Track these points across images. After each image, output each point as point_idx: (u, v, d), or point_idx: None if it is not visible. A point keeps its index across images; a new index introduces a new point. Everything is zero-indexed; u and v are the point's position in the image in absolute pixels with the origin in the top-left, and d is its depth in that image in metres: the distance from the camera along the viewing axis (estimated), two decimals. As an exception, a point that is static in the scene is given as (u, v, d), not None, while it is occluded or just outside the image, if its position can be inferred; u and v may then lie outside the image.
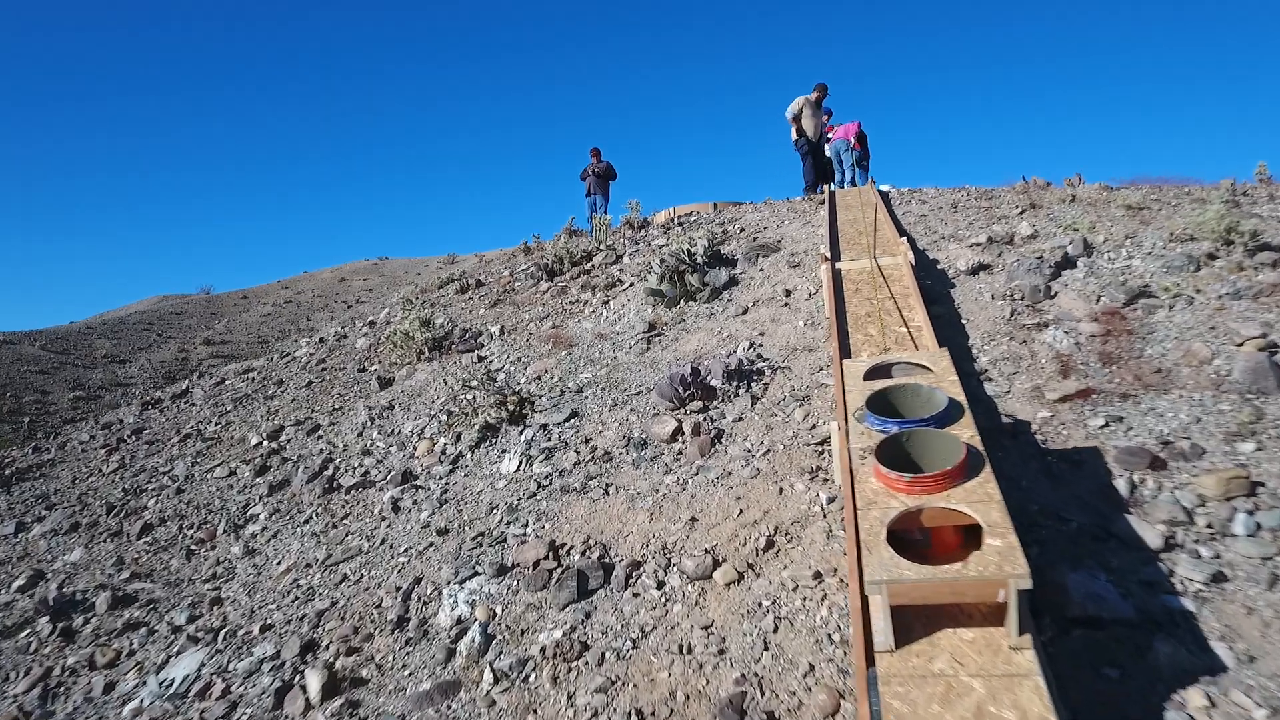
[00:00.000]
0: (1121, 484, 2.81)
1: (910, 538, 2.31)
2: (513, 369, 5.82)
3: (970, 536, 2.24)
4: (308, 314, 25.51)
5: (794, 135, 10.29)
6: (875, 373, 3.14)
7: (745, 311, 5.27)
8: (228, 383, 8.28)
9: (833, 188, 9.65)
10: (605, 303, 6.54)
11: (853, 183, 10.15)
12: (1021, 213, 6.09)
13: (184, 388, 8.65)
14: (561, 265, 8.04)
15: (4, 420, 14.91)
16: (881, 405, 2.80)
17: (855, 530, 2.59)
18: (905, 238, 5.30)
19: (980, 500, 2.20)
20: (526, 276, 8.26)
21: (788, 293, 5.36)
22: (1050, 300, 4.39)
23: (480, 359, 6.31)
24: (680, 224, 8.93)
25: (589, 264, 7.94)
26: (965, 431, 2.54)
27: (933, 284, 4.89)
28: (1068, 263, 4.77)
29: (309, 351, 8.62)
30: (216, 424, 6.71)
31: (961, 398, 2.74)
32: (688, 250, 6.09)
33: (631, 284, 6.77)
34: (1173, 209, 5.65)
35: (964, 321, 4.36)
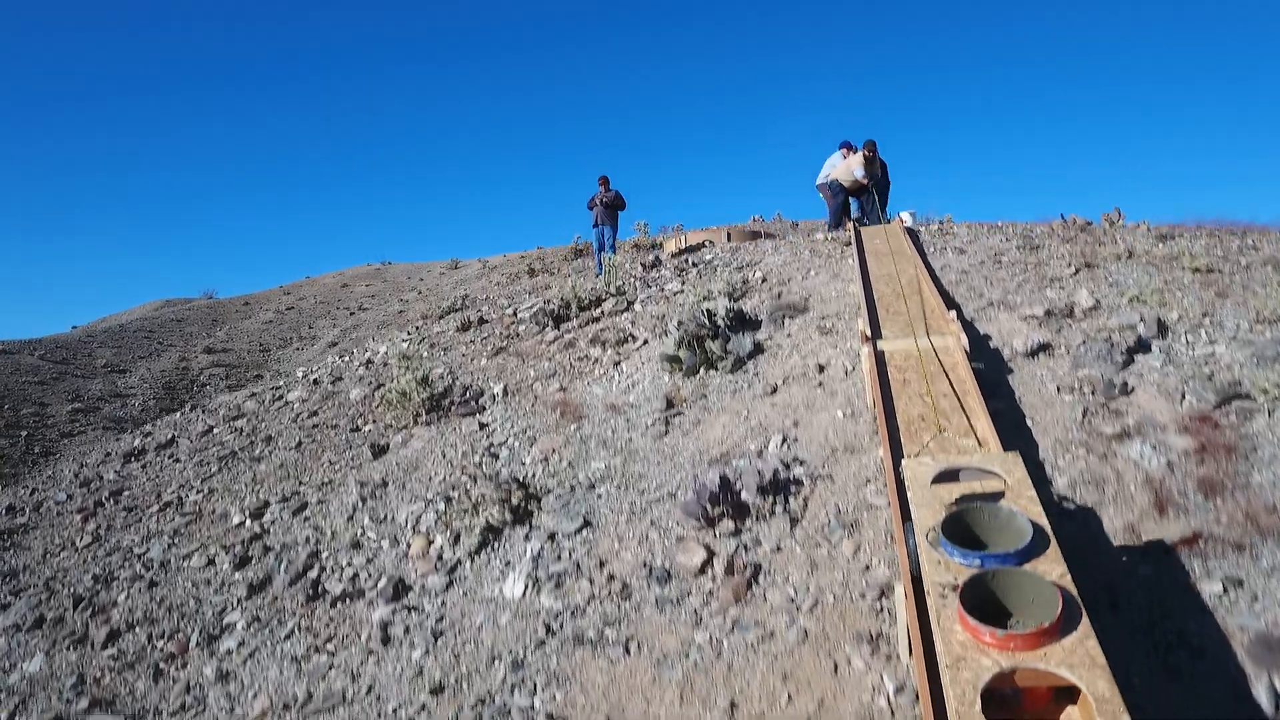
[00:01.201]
0: (1261, 692, 2.30)
1: (999, 692, 2.00)
2: (516, 444, 5.33)
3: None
4: (310, 320, 25.09)
5: (820, 182, 9.74)
6: (943, 478, 2.80)
7: (774, 391, 4.76)
8: (215, 433, 7.81)
9: (854, 219, 9.12)
10: (617, 363, 6.03)
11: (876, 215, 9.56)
12: (1076, 273, 5.54)
13: (170, 436, 8.18)
14: (569, 310, 7.54)
15: (1, 435, 14.52)
16: (955, 526, 2.44)
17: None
18: (954, 310, 4.77)
19: (1082, 664, 1.90)
20: (531, 320, 7.76)
21: (820, 369, 4.85)
22: (1127, 397, 3.87)
23: (481, 425, 5.82)
24: (693, 262, 8.41)
25: (598, 310, 7.44)
26: (1054, 569, 2.21)
27: (985, 367, 4.37)
28: (1141, 347, 4.24)
29: (301, 396, 8.13)
30: (199, 491, 6.24)
31: (1044, 521, 2.41)
32: (707, 312, 5.57)
33: (645, 341, 6.26)
34: (1246, 272, 5.11)
35: (1029, 422, 3.84)
